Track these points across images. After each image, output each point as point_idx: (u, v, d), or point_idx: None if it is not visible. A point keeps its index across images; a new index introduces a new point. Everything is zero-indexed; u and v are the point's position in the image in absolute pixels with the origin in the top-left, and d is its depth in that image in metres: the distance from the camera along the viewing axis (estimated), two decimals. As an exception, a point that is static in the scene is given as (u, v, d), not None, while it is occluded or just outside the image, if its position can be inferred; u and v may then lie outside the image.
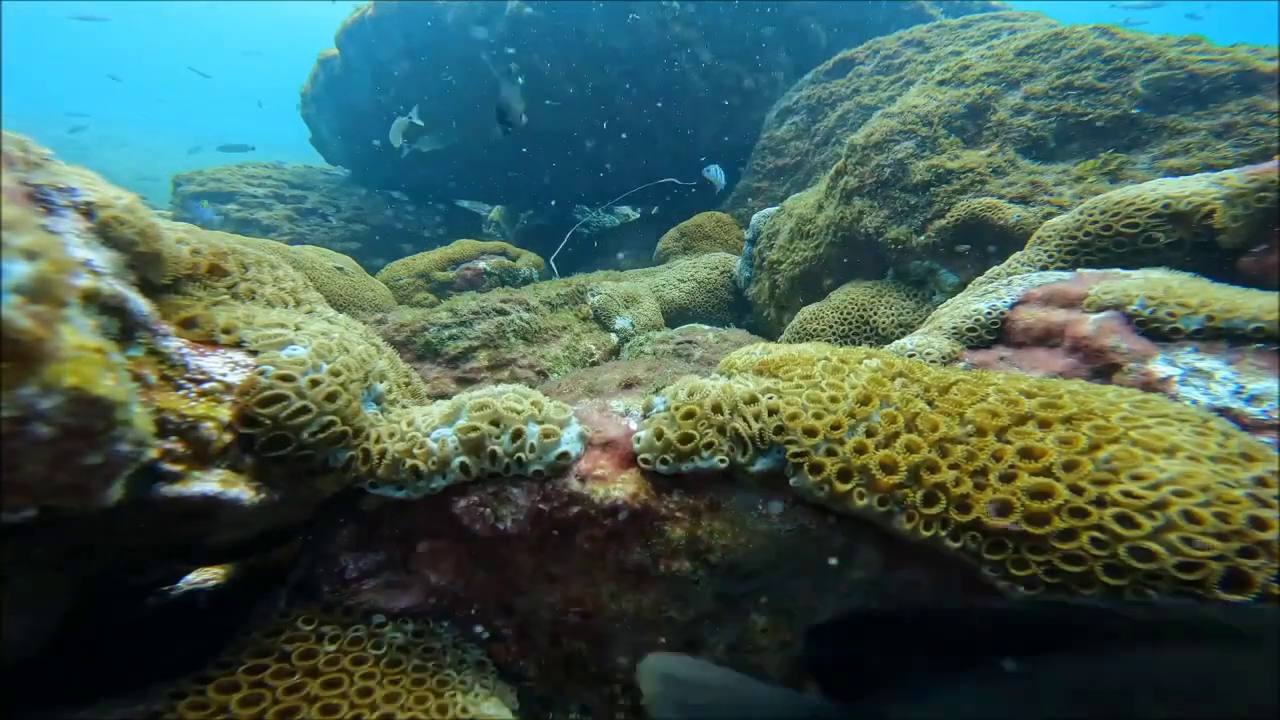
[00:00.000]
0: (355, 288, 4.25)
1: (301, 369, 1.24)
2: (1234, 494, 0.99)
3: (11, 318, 0.72)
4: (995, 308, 1.87)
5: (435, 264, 5.23)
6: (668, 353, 3.33)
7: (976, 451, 1.18)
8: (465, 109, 7.02)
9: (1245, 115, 2.65)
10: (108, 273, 1.07)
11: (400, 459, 1.32)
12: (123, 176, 12.78)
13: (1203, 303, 1.51)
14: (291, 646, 1.26)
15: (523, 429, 1.33)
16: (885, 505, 1.20)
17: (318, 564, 1.41)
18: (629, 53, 6.54)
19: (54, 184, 1.07)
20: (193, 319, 1.27)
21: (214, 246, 1.44)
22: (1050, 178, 2.92)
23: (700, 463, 1.29)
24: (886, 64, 5.34)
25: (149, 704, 1.12)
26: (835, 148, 5.21)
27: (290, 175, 7.78)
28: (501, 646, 1.42)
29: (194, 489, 1.10)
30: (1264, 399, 1.31)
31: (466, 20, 6.51)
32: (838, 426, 1.28)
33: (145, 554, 1.24)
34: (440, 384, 3.19)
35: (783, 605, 1.36)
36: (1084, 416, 1.17)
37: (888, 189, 3.25)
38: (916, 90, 3.66)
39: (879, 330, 3.10)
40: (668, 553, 1.31)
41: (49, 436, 0.79)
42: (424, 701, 1.22)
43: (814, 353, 1.50)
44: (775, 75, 7.07)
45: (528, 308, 3.59)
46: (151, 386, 1.10)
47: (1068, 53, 3.20)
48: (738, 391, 1.36)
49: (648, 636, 1.38)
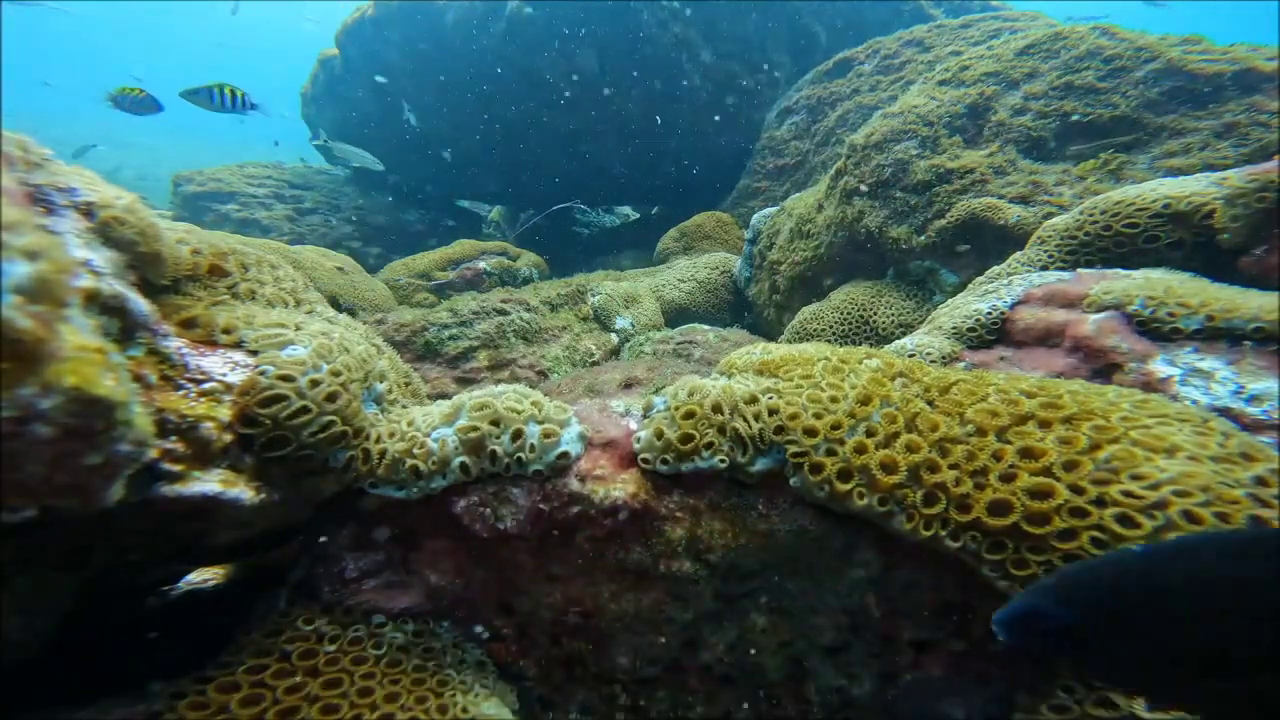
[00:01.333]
0: (355, 288, 4.25)
1: (302, 369, 1.24)
2: (1234, 494, 0.99)
3: (12, 318, 0.72)
4: (995, 308, 1.87)
5: (435, 264, 5.23)
6: (668, 353, 3.33)
7: (977, 451, 1.18)
8: (465, 108, 7.02)
9: (1246, 115, 2.65)
10: (108, 273, 1.07)
11: (400, 459, 1.32)
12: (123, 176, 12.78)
13: (1203, 303, 1.51)
14: (292, 646, 1.26)
15: (523, 429, 1.33)
16: (885, 505, 1.20)
17: (318, 564, 1.41)
18: (629, 53, 6.54)
19: (54, 184, 1.07)
20: (193, 319, 1.27)
21: (214, 246, 1.44)
22: (1050, 178, 2.92)
23: (700, 463, 1.29)
24: (887, 64, 5.34)
25: (149, 704, 1.12)
26: (835, 148, 5.21)
27: (290, 175, 7.78)
28: (501, 646, 1.42)
29: (194, 489, 1.10)
30: (1264, 399, 1.31)
31: (467, 20, 6.51)
32: (838, 426, 1.28)
33: (145, 554, 1.24)
34: (440, 384, 3.19)
35: (783, 605, 1.36)
36: (1084, 416, 1.17)
37: (888, 189, 3.25)
38: (917, 90, 3.66)
39: (879, 330, 3.10)
40: (668, 552, 1.31)
41: (49, 436, 0.78)
42: (424, 701, 1.22)
43: (814, 353, 1.50)
44: (775, 75, 7.07)
45: (528, 308, 3.59)
46: (152, 386, 1.10)
47: (1068, 53, 3.20)
48: (738, 391, 1.36)
49: (648, 636, 1.38)
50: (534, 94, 6.79)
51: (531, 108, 6.87)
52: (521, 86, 6.75)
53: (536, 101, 6.84)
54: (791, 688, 1.38)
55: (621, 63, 6.59)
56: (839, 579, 1.31)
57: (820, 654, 1.36)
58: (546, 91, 6.75)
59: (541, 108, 6.86)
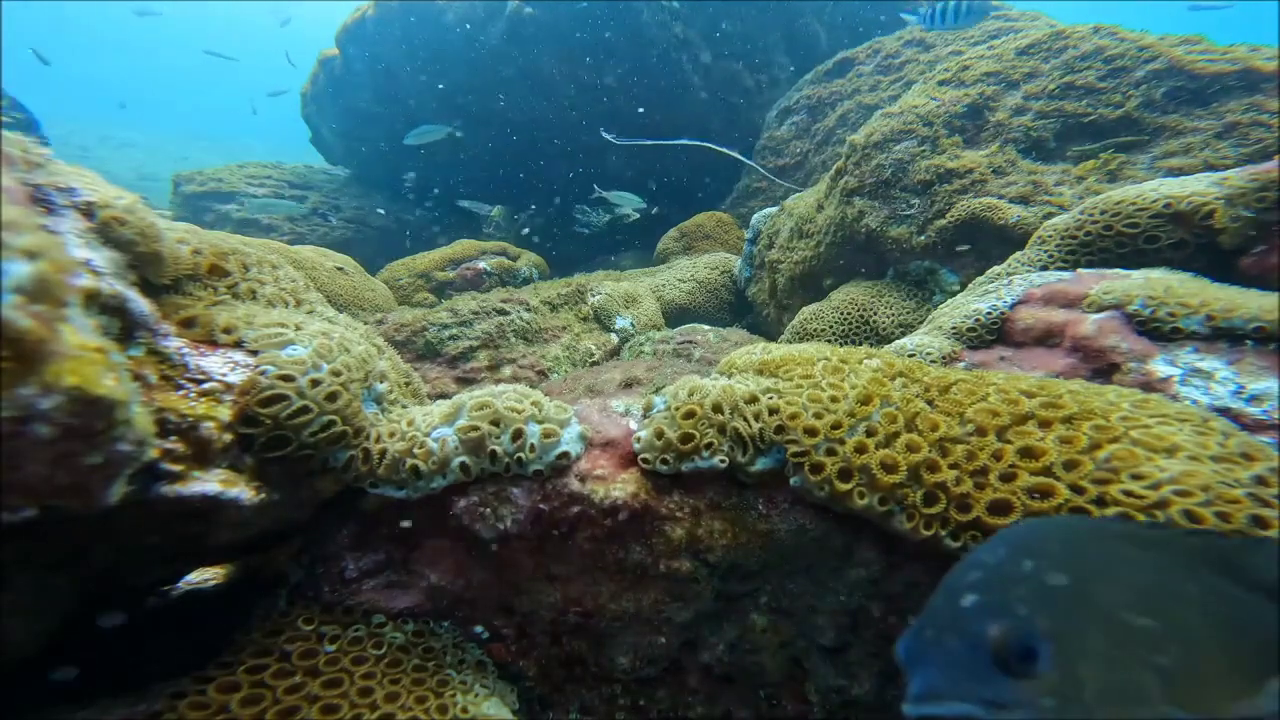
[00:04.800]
0: (355, 288, 4.25)
1: (302, 369, 1.24)
2: (1234, 493, 0.99)
3: (12, 318, 0.72)
4: (995, 307, 1.87)
5: (435, 264, 5.22)
6: (668, 352, 3.33)
7: (977, 451, 1.18)
8: (465, 108, 7.02)
9: (1246, 115, 2.65)
10: (108, 273, 1.07)
11: (400, 459, 1.32)
12: (123, 176, 12.78)
13: (1203, 303, 1.51)
14: (292, 646, 1.26)
15: (523, 429, 1.33)
16: (885, 504, 1.20)
17: (318, 564, 1.41)
18: (630, 53, 6.54)
19: (54, 184, 1.07)
20: (193, 319, 1.27)
21: (215, 246, 1.44)
22: (1051, 178, 2.91)
23: (700, 462, 1.29)
24: (887, 64, 5.34)
25: (149, 704, 1.12)
26: (835, 147, 5.21)
27: (290, 175, 7.78)
28: (501, 646, 1.42)
29: (194, 489, 1.10)
30: (1264, 399, 1.31)
31: (467, 20, 6.51)
32: (838, 426, 1.28)
33: (145, 554, 1.24)
34: (440, 384, 3.19)
35: (782, 605, 1.36)
36: (1084, 416, 1.17)
37: (888, 189, 3.24)
38: (917, 90, 3.66)
39: (879, 330, 3.10)
40: (668, 552, 1.31)
41: (49, 436, 0.78)
42: (424, 701, 1.22)
43: (814, 353, 1.50)
44: (775, 75, 7.07)
45: (528, 308, 3.59)
46: (152, 386, 1.10)
47: (1069, 52, 3.20)
48: (738, 391, 1.36)
49: (648, 636, 1.38)
50: (534, 93, 6.79)
51: (532, 107, 6.88)
52: (522, 86, 6.76)
53: (537, 101, 6.84)
54: (791, 688, 1.38)
55: (622, 62, 6.59)
56: (839, 579, 1.31)
57: (820, 654, 1.36)
58: (547, 91, 6.76)
59: (542, 107, 6.86)
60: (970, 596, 0.66)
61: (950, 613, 0.66)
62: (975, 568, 0.71)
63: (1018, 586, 0.65)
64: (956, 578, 0.71)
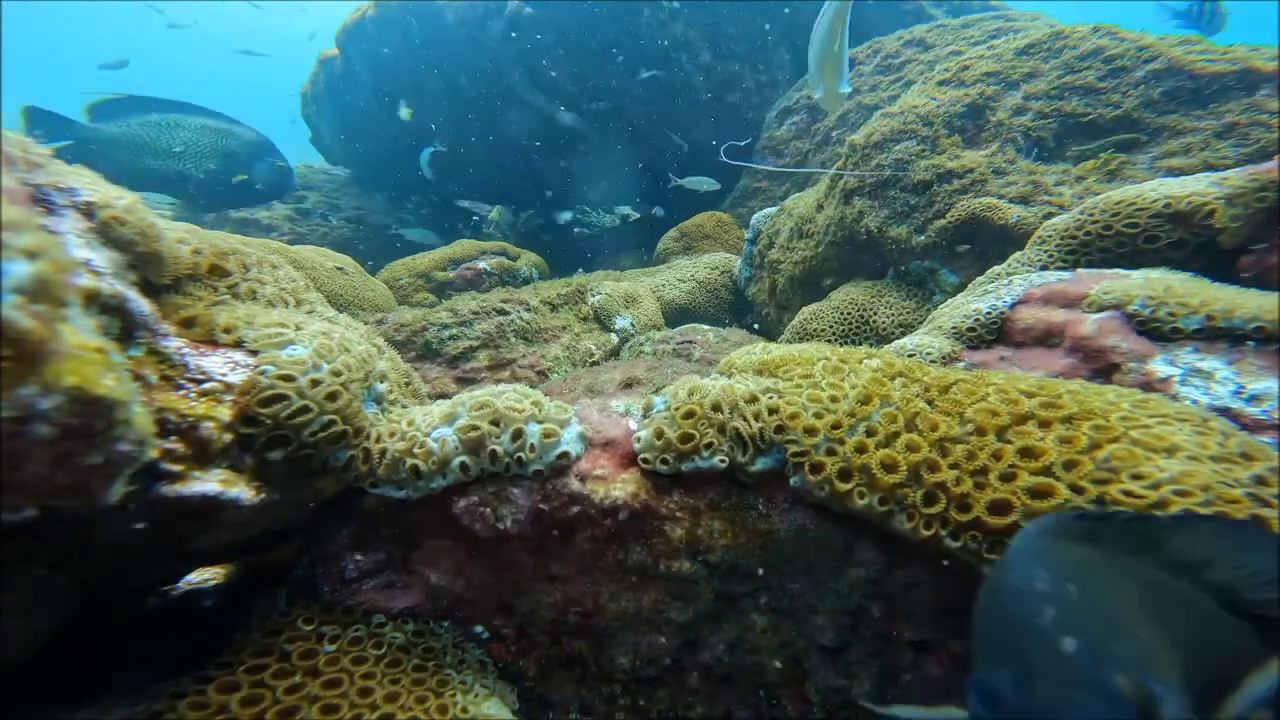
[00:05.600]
0: (355, 288, 4.25)
1: (302, 369, 1.24)
2: (1234, 493, 0.99)
3: (12, 318, 0.72)
4: (995, 307, 1.87)
5: (435, 264, 5.22)
6: (668, 352, 3.33)
7: (977, 451, 1.18)
8: (466, 108, 7.02)
9: (1246, 115, 2.65)
10: (108, 272, 1.07)
11: (400, 458, 1.32)
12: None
13: (1203, 302, 1.51)
14: (292, 646, 1.26)
15: (523, 428, 1.33)
16: (886, 504, 1.20)
17: (318, 564, 1.41)
18: (629, 52, 6.54)
19: (54, 184, 1.07)
20: (193, 319, 1.27)
21: (215, 246, 1.44)
22: (1051, 178, 2.91)
23: (700, 462, 1.29)
24: (887, 64, 5.33)
25: (149, 704, 1.12)
26: (835, 147, 5.21)
27: (290, 175, 7.77)
28: (501, 646, 1.42)
29: (194, 489, 1.10)
30: (1264, 399, 1.31)
31: (467, 20, 6.51)
32: (838, 426, 1.28)
33: (145, 554, 1.24)
34: (440, 384, 3.19)
35: (782, 605, 1.36)
36: (1084, 416, 1.17)
37: (888, 189, 3.24)
38: (917, 90, 3.66)
39: (879, 330, 3.10)
40: (668, 552, 1.31)
41: (49, 436, 0.78)
42: (424, 701, 1.22)
43: (814, 352, 1.50)
44: (775, 75, 7.07)
45: (528, 308, 3.59)
46: (152, 386, 1.11)
47: (1068, 53, 3.20)
48: (738, 391, 1.36)
49: (648, 636, 1.38)
50: (534, 93, 6.79)
51: (532, 107, 6.87)
52: (522, 86, 6.75)
53: (537, 100, 6.84)
54: (791, 688, 1.38)
55: (622, 62, 6.59)
56: (839, 579, 1.31)
57: (820, 654, 1.36)
58: (547, 91, 6.76)
59: (542, 107, 6.86)
60: (1069, 640, 0.64)
61: (1060, 662, 0.64)
62: (1037, 599, 0.68)
63: (1091, 617, 0.65)
64: (1026, 615, 0.68)
